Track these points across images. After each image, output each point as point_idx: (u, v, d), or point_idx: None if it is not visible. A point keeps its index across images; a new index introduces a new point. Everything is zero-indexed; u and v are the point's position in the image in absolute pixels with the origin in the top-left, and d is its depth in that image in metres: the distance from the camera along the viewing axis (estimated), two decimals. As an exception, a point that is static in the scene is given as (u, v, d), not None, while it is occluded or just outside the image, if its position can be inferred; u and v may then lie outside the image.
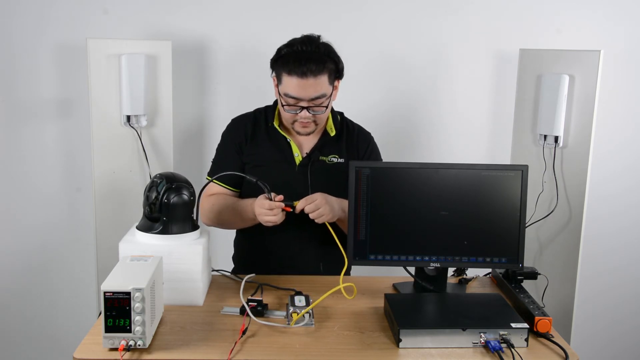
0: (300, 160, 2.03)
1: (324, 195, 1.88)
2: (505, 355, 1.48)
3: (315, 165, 2.03)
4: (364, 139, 2.12)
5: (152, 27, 2.64)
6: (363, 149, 2.09)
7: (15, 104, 2.66)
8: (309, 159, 2.02)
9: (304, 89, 1.87)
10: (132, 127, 2.45)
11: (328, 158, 2.04)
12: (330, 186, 1.98)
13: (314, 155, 2.03)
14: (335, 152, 2.05)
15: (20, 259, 2.78)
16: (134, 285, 1.40)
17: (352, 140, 2.09)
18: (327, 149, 2.05)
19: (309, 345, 1.52)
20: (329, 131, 2.05)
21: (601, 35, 2.71)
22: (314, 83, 1.87)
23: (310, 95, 1.88)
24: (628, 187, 2.85)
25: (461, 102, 2.80)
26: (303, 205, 1.84)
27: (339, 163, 2.04)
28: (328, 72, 1.90)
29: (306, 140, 2.05)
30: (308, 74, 1.85)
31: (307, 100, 1.89)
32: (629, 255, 2.92)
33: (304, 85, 1.87)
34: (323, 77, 1.88)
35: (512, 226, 1.80)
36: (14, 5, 2.58)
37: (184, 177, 1.79)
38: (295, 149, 2.03)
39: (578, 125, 2.48)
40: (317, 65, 1.86)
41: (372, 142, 2.14)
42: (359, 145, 2.09)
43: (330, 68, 1.91)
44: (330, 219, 1.87)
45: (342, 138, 2.08)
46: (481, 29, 2.73)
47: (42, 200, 2.75)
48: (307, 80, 1.86)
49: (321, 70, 1.87)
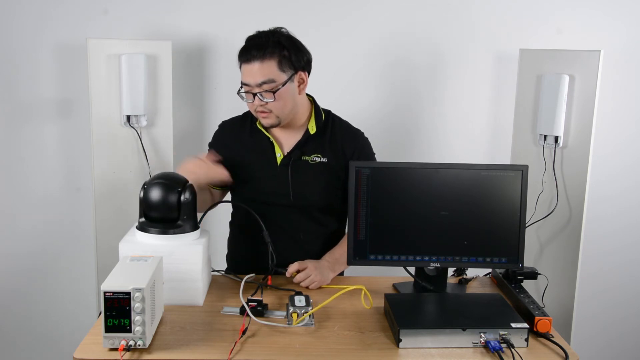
0: (282, 160, 2.02)
1: (314, 262, 1.92)
2: (505, 355, 1.48)
3: (296, 164, 2.00)
4: (350, 138, 2.06)
5: (152, 27, 2.64)
6: (350, 148, 2.03)
7: (15, 104, 2.66)
8: (290, 158, 2.01)
9: (250, 73, 1.88)
10: (132, 127, 2.45)
11: (311, 157, 2.02)
12: (312, 186, 1.99)
13: (295, 154, 2.01)
14: (319, 151, 2.02)
15: (20, 259, 2.78)
16: (134, 285, 1.40)
17: (336, 138, 2.04)
18: (310, 148, 2.02)
19: (309, 345, 1.52)
20: (309, 129, 2.02)
21: (601, 35, 2.71)
22: (259, 67, 1.87)
23: (257, 79, 1.87)
24: (628, 187, 2.85)
25: (461, 102, 2.80)
26: (294, 269, 1.88)
27: (321, 162, 2.01)
28: (277, 58, 1.88)
29: (287, 139, 2.04)
30: (252, 60, 1.87)
31: (256, 86, 1.89)
32: (629, 256, 2.92)
33: (250, 70, 1.88)
34: (269, 62, 1.87)
35: (512, 226, 1.80)
36: (14, 5, 2.58)
37: (182, 177, 1.79)
38: (277, 149, 2.02)
39: (578, 125, 2.48)
40: (260, 51, 1.87)
41: (360, 141, 2.08)
42: (344, 144, 2.04)
43: (280, 54, 1.88)
44: (321, 284, 1.89)
45: (326, 137, 2.04)
46: (481, 29, 2.73)
47: (42, 200, 2.75)
48: (253, 65, 1.87)
49: (266, 56, 1.87)
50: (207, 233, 1.83)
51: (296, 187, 1.98)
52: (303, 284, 1.86)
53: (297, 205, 2.00)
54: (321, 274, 1.88)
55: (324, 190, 2.02)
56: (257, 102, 1.91)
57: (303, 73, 1.97)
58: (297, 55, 1.94)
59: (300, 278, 1.86)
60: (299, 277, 1.86)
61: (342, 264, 1.98)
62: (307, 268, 1.88)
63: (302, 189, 1.98)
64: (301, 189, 1.98)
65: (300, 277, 1.86)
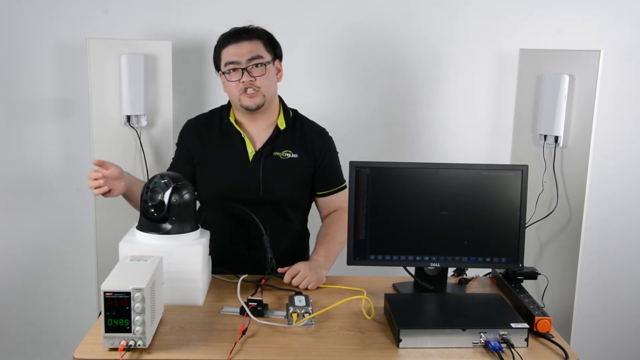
0: (253, 156, 2.04)
1: (305, 264, 1.92)
2: (505, 355, 1.48)
3: (268, 160, 2.04)
4: (319, 137, 2.12)
5: (152, 27, 2.64)
6: (319, 146, 2.10)
7: (15, 104, 2.66)
8: (261, 154, 2.04)
9: (240, 49, 1.99)
10: (132, 127, 2.45)
11: (282, 153, 2.05)
12: (282, 181, 2.03)
13: (266, 149, 2.04)
14: (289, 147, 2.07)
15: (20, 259, 2.78)
16: (134, 285, 1.40)
17: (305, 135, 2.10)
18: (280, 144, 2.06)
19: (309, 345, 1.52)
20: (279, 125, 2.07)
21: (601, 35, 2.71)
22: (248, 45, 1.99)
23: (247, 55, 1.98)
24: (628, 187, 2.85)
25: (461, 102, 2.79)
26: (289, 278, 1.88)
27: (292, 158, 2.06)
28: (263, 41, 2.02)
29: (259, 135, 2.07)
30: (241, 40, 2.00)
31: (245, 61, 1.98)
32: (629, 255, 2.92)
33: (240, 47, 1.99)
34: (257, 42, 2.01)
35: (512, 226, 1.80)
36: (14, 5, 2.58)
37: (182, 177, 1.79)
38: (249, 145, 2.05)
39: (578, 125, 2.48)
40: (248, 33, 2.01)
41: (328, 140, 2.14)
42: (314, 141, 2.09)
43: (264, 39, 2.03)
44: (319, 282, 1.89)
45: (296, 133, 2.09)
46: (481, 29, 2.73)
47: (42, 200, 2.75)
48: (242, 43, 1.99)
49: (253, 36, 2.01)
50: (207, 233, 1.83)
51: (266, 183, 2.02)
52: (301, 285, 1.86)
53: (266, 201, 2.03)
54: (317, 273, 1.89)
55: (294, 186, 2.07)
56: (247, 78, 1.97)
57: (279, 63, 2.09)
58: (276, 44, 2.09)
59: (297, 282, 1.86)
60: (295, 281, 1.86)
61: (330, 260, 2.01)
62: (300, 271, 1.88)
63: (272, 184, 2.02)
64: (271, 184, 2.02)
65: (297, 280, 1.86)
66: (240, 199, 2.01)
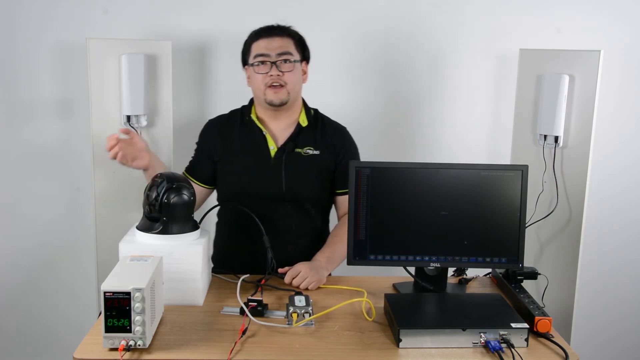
0: (275, 153, 2.05)
1: (306, 264, 1.92)
2: (505, 355, 1.48)
3: (290, 157, 2.04)
4: (339, 133, 2.13)
5: (152, 27, 2.64)
6: (339, 144, 2.10)
7: (15, 104, 2.66)
8: (284, 150, 2.04)
9: (271, 43, 2.02)
10: (132, 127, 2.45)
11: (303, 150, 2.06)
12: (304, 178, 2.03)
13: (288, 146, 2.05)
14: (311, 144, 2.07)
15: (20, 259, 2.78)
16: (134, 285, 1.40)
17: (327, 133, 2.11)
18: (302, 141, 2.07)
19: (309, 345, 1.52)
20: (301, 123, 2.08)
21: (601, 35, 2.71)
22: (280, 40, 2.03)
23: (277, 49, 2.01)
24: (628, 187, 2.85)
25: (461, 102, 2.79)
26: (290, 279, 1.87)
27: (314, 155, 2.06)
28: (294, 40, 2.06)
29: (280, 132, 2.08)
30: (273, 34, 2.04)
31: (275, 55, 2.00)
32: (629, 255, 2.92)
33: (270, 42, 2.02)
34: (288, 40, 2.05)
35: (512, 226, 1.80)
36: (14, 5, 2.58)
37: (184, 177, 1.79)
38: (270, 141, 2.06)
39: (578, 125, 2.48)
40: (281, 30, 2.06)
41: (348, 137, 2.15)
42: (334, 138, 2.10)
43: (295, 39, 2.07)
44: (319, 283, 1.89)
45: (317, 130, 2.10)
46: (481, 29, 2.73)
47: (42, 200, 2.75)
48: (274, 38, 2.03)
49: (286, 34, 2.05)
50: (207, 233, 1.83)
51: (288, 180, 2.02)
52: (302, 286, 1.86)
53: (288, 198, 2.03)
54: (317, 273, 1.89)
55: (315, 183, 2.07)
56: (275, 72, 1.99)
57: (306, 65, 2.11)
58: (305, 47, 2.12)
59: (297, 282, 1.86)
60: (296, 281, 1.86)
61: (335, 261, 1.99)
62: (300, 272, 1.88)
63: (294, 181, 2.02)
64: (293, 181, 2.02)
65: (297, 281, 1.86)
66: (262, 195, 2.02)
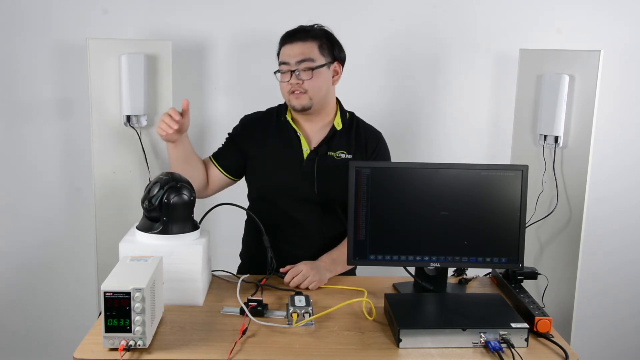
0: (308, 154, 2.04)
1: (307, 264, 1.91)
2: (505, 355, 1.48)
3: (322, 160, 2.03)
4: (373, 138, 2.11)
5: (152, 27, 2.64)
6: (372, 147, 2.09)
7: (15, 104, 2.66)
8: (316, 153, 2.04)
9: (291, 51, 1.98)
10: (132, 127, 2.45)
11: (336, 154, 2.05)
12: (335, 182, 2.00)
13: (321, 149, 2.04)
14: (344, 147, 2.06)
15: (20, 259, 2.78)
16: (134, 285, 1.40)
17: (361, 137, 2.09)
18: (336, 144, 2.06)
19: (309, 345, 1.52)
20: (335, 126, 2.07)
21: (601, 35, 2.71)
22: (300, 46, 1.98)
23: (296, 57, 1.97)
24: (628, 187, 2.85)
25: (461, 102, 2.80)
26: (290, 278, 1.87)
27: (347, 159, 2.04)
28: (318, 42, 2.00)
29: (315, 134, 2.07)
30: (294, 40, 1.99)
31: (295, 63, 1.97)
32: (629, 256, 2.92)
33: (291, 49, 1.99)
34: (311, 43, 1.99)
35: (512, 226, 1.80)
36: (14, 5, 2.58)
37: (184, 177, 1.79)
38: (304, 143, 2.05)
39: (578, 125, 2.48)
40: (304, 33, 2.00)
41: (381, 141, 2.13)
42: (367, 142, 2.09)
43: (321, 40, 2.01)
44: (320, 283, 1.88)
45: (351, 134, 2.09)
46: (481, 29, 2.73)
47: (43, 200, 2.75)
48: (294, 44, 1.99)
49: (308, 38, 2.00)
50: (207, 233, 1.83)
51: (320, 182, 2.01)
52: (302, 285, 1.86)
53: (319, 201, 2.02)
54: (319, 274, 1.88)
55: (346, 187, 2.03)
56: (294, 80, 1.97)
57: (338, 65, 2.07)
58: (336, 46, 2.06)
59: (297, 281, 1.86)
60: (296, 281, 1.86)
61: (339, 264, 1.98)
62: (301, 271, 1.87)
63: (325, 184, 2.01)
64: (324, 184, 2.01)
65: (298, 280, 1.86)
66: (293, 196, 2.02)
